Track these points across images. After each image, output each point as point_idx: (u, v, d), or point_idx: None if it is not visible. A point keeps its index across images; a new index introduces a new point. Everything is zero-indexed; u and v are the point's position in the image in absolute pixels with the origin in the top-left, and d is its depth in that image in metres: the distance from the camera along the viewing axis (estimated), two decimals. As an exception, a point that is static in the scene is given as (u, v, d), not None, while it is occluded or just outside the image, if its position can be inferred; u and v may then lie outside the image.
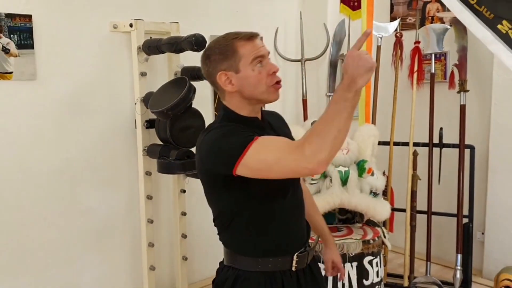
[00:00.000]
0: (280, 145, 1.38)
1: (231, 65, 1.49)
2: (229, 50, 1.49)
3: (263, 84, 1.49)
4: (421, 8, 3.88)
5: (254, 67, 1.48)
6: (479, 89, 3.52)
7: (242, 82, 1.49)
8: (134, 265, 3.18)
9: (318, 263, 1.77)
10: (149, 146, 3.04)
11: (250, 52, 1.48)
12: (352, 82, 1.26)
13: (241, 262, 1.58)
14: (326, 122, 1.29)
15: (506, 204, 3.42)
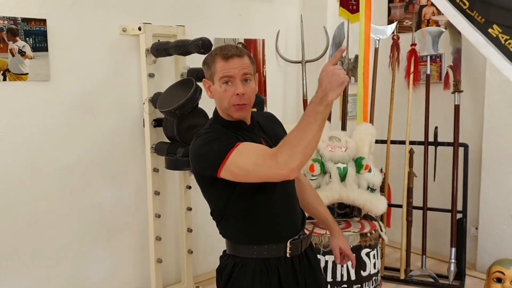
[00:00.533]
0: (258, 153, 1.53)
1: (210, 76, 1.66)
2: (211, 63, 1.65)
3: (226, 101, 1.63)
4: (417, 12, 4.02)
5: (222, 84, 1.62)
6: (472, 90, 3.65)
7: (214, 93, 1.67)
8: (142, 258, 3.32)
9: (316, 253, 1.90)
10: (156, 144, 3.18)
11: (220, 70, 1.61)
12: (324, 96, 1.40)
13: (238, 250, 1.71)
14: (298, 132, 1.44)
15: (498, 200, 3.55)
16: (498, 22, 2.80)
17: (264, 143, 1.70)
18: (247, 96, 1.63)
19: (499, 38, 2.80)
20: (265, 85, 3.96)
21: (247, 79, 1.64)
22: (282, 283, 1.70)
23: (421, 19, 4.01)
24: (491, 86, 3.50)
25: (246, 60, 1.65)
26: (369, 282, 2.88)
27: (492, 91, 3.51)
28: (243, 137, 1.64)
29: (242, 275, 1.68)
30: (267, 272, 1.68)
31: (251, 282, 1.67)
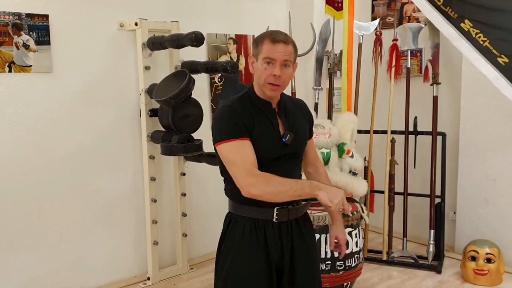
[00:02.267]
0: (244, 160, 1.78)
1: (256, 54, 1.85)
2: (259, 43, 1.84)
3: (263, 78, 1.82)
4: (399, 9, 4.24)
5: (264, 63, 1.81)
6: (450, 82, 3.88)
7: (255, 69, 1.86)
8: (139, 240, 3.52)
9: (312, 226, 2.07)
10: (152, 133, 3.38)
11: (266, 51, 1.80)
12: (320, 191, 1.72)
13: (234, 207, 1.95)
14: (283, 185, 1.77)
15: (474, 185, 3.77)
16: (470, 17, 3.03)
17: (280, 126, 1.91)
18: (282, 79, 1.82)
19: (470, 32, 3.03)
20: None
21: (287, 65, 1.82)
22: (268, 243, 1.91)
23: (403, 15, 4.23)
24: (466, 78, 3.72)
25: (290, 48, 1.83)
26: (351, 259, 3.09)
27: (467, 82, 3.73)
28: (262, 117, 1.87)
29: (235, 230, 1.92)
30: (255, 230, 1.89)
31: (241, 236, 1.89)
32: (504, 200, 3.62)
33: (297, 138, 1.94)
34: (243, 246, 1.90)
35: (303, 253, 1.99)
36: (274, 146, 1.88)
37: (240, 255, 1.91)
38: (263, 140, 1.86)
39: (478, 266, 3.35)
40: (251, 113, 1.86)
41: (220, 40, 3.86)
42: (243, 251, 1.90)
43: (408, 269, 3.66)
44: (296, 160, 1.99)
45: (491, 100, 3.57)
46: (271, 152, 1.88)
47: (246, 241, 1.89)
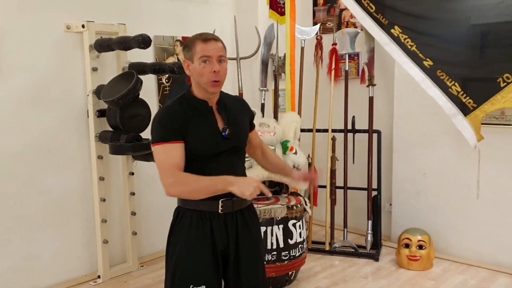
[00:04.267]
0: (168, 162, 1.92)
1: (190, 56, 1.96)
2: (191, 45, 1.95)
3: (205, 77, 1.93)
4: (338, 15, 4.50)
5: (201, 63, 1.92)
6: (384, 83, 4.16)
7: (193, 71, 1.96)
8: (89, 239, 3.57)
9: (257, 217, 2.22)
10: (100, 133, 3.44)
11: (201, 51, 1.92)
12: (232, 187, 1.83)
13: (182, 201, 2.05)
14: (196, 184, 1.90)
15: (407, 179, 4.07)
16: (399, 24, 3.31)
17: (219, 122, 2.03)
18: (221, 74, 1.94)
19: (399, 37, 3.31)
20: (202, 80, 4.28)
21: (221, 60, 1.95)
22: (214, 233, 2.04)
23: (341, 21, 4.50)
24: (398, 80, 4.02)
25: (221, 44, 1.97)
26: (295, 249, 3.28)
27: (399, 84, 4.02)
28: (199, 116, 1.99)
29: (183, 222, 2.03)
30: (202, 221, 2.01)
31: (188, 228, 2.00)
32: (433, 192, 3.94)
33: (238, 132, 2.06)
34: (190, 237, 1.99)
35: (248, 242, 2.12)
36: (213, 142, 2.00)
37: (188, 245, 2.01)
38: (201, 138, 1.98)
39: (411, 253, 3.64)
40: (187, 114, 1.97)
41: (167, 42, 3.96)
42: (191, 242, 2.00)
43: (349, 258, 3.90)
44: (238, 154, 2.11)
45: (421, 99, 3.87)
46: (210, 149, 1.99)
47: (193, 232, 2.00)
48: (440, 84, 3.09)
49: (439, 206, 3.92)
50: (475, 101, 3.00)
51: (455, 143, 3.76)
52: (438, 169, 3.90)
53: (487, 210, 3.67)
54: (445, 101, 3.09)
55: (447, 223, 3.88)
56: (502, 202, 3.61)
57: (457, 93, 3.04)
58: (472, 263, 3.72)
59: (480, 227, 3.73)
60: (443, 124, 3.78)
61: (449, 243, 3.89)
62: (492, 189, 3.59)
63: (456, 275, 3.57)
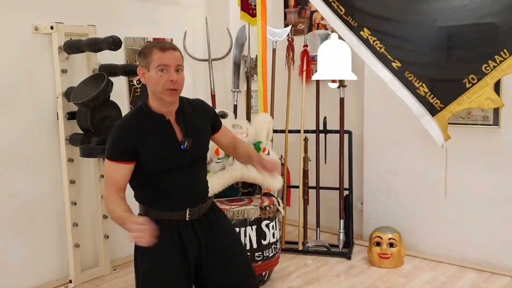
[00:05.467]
0: (111, 179, 1.99)
1: (146, 64, 1.95)
2: (147, 53, 1.94)
3: (160, 86, 1.91)
4: (308, 17, 4.55)
5: (158, 71, 1.91)
6: (355, 85, 4.22)
7: (148, 79, 1.96)
8: (60, 243, 3.51)
9: (221, 217, 2.23)
10: (71, 135, 3.39)
11: (157, 59, 1.91)
12: (126, 227, 1.87)
13: (146, 211, 2.07)
14: (112, 209, 1.97)
15: (378, 178, 4.15)
16: (368, 26, 3.36)
17: (178, 134, 2.02)
18: (179, 83, 1.94)
19: (368, 39, 3.36)
20: (175, 81, 4.26)
21: (179, 70, 1.95)
22: (184, 240, 2.05)
23: (312, 23, 4.55)
24: (368, 81, 4.09)
25: (178, 54, 1.97)
26: (269, 249, 3.30)
27: (369, 85, 4.10)
28: (156, 130, 1.99)
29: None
30: (170, 231, 2.03)
31: (157, 239, 1.91)
32: (403, 191, 4.03)
33: (197, 142, 2.05)
34: (158, 247, 1.92)
35: (219, 242, 2.14)
36: (171, 156, 2.00)
37: (157, 255, 2.00)
38: (158, 153, 1.99)
39: (382, 251, 3.70)
40: (142, 130, 1.98)
41: (138, 43, 3.94)
42: (159, 252, 1.98)
43: (322, 257, 3.95)
44: (199, 163, 2.12)
45: (390, 100, 3.95)
46: (169, 162, 2.00)
47: (161, 242, 1.94)
48: (408, 85, 3.16)
49: (409, 204, 4.01)
50: (442, 102, 3.08)
51: (423, 142, 3.85)
52: (407, 168, 3.99)
53: (454, 208, 3.77)
54: (413, 102, 3.16)
55: (417, 221, 3.97)
56: (468, 199, 3.71)
57: (425, 94, 3.11)
58: (442, 260, 3.82)
59: (448, 224, 3.83)
60: (411, 124, 3.86)
61: (419, 241, 3.98)
62: (459, 187, 3.69)
63: (426, 271, 3.66)
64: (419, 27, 3.15)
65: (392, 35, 3.29)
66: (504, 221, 3.57)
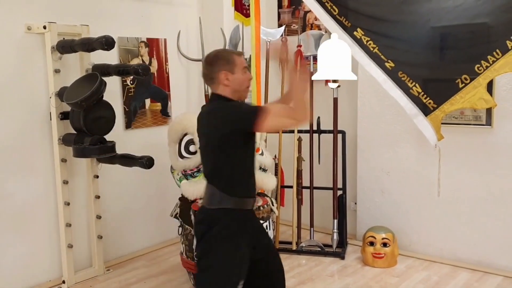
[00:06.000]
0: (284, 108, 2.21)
1: (230, 68, 2.18)
2: (230, 59, 2.20)
3: (245, 85, 2.22)
4: (302, 17, 4.56)
5: (244, 72, 2.22)
6: (348, 85, 4.23)
7: (233, 80, 2.18)
8: (53, 244, 3.50)
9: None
10: (64, 136, 3.38)
11: (241, 63, 2.21)
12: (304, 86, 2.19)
13: (229, 202, 2.16)
14: (303, 104, 2.14)
15: (371, 178, 4.16)
16: (361, 26, 3.37)
17: None
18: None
19: (362, 39, 3.36)
20: (168, 81, 4.27)
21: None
22: (248, 228, 2.25)
23: (306, 23, 4.56)
24: (362, 81, 4.10)
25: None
26: (262, 250, 3.30)
27: (363, 85, 4.11)
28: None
29: (230, 221, 2.17)
30: (244, 220, 2.23)
31: (237, 227, 2.18)
32: (396, 190, 4.04)
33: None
34: (236, 233, 2.17)
35: (262, 235, 2.41)
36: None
37: (233, 241, 2.16)
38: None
39: (376, 250, 3.71)
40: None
41: (132, 43, 3.93)
42: (236, 237, 2.17)
43: (315, 257, 3.96)
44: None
45: (383, 100, 3.97)
46: (254, 146, 2.33)
47: (237, 229, 2.18)
48: (402, 85, 3.16)
49: (402, 204, 4.02)
50: (435, 102, 3.09)
51: (416, 142, 3.87)
52: (401, 168, 4.00)
53: (447, 207, 3.79)
54: (407, 102, 3.16)
55: (410, 221, 3.99)
56: (461, 199, 3.73)
57: (418, 94, 3.12)
58: (435, 259, 3.83)
59: (441, 224, 3.85)
60: (405, 124, 3.88)
61: (412, 240, 3.99)
62: (452, 187, 3.70)
63: (420, 271, 3.67)
64: (412, 27, 3.16)
65: (385, 35, 3.29)
66: (497, 221, 3.59)
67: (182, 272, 3.62)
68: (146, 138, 4.07)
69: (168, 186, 4.09)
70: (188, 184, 3.30)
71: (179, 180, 3.44)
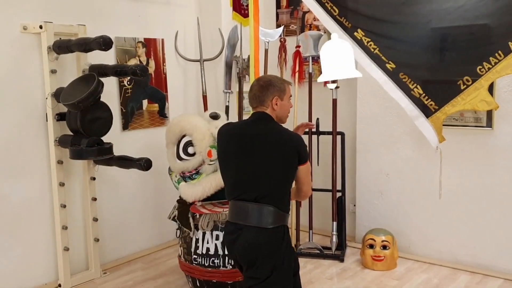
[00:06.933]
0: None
1: (281, 95, 2.37)
2: (283, 88, 2.40)
3: (288, 112, 2.45)
4: (301, 17, 4.52)
5: (288, 101, 2.43)
6: (347, 86, 4.21)
7: (281, 107, 2.38)
8: (49, 247, 3.45)
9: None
10: (60, 137, 3.33)
11: (289, 92, 2.44)
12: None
13: (285, 219, 2.32)
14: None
15: (370, 179, 4.13)
16: (362, 27, 3.33)
17: None
18: None
19: (362, 40, 3.33)
20: (166, 82, 4.22)
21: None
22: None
23: (304, 23, 4.52)
24: (361, 83, 4.07)
25: None
26: (261, 253, 3.27)
27: (362, 86, 4.08)
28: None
29: (288, 236, 2.33)
30: (288, 234, 2.36)
31: (288, 240, 2.33)
32: (395, 192, 4.01)
33: None
34: (290, 247, 2.35)
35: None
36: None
37: (292, 254, 2.37)
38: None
39: (375, 253, 3.69)
40: None
41: (129, 43, 3.88)
42: (291, 251, 2.37)
43: (315, 259, 3.92)
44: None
45: (383, 102, 3.94)
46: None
47: (289, 243, 2.35)
48: (403, 87, 3.13)
49: (401, 206, 4.00)
50: (437, 103, 3.06)
51: (416, 144, 3.84)
52: (400, 170, 3.98)
53: (447, 209, 3.76)
54: (408, 103, 3.13)
55: (409, 223, 3.96)
56: (461, 201, 3.71)
57: (419, 95, 3.09)
58: (434, 262, 3.81)
59: (441, 226, 3.82)
60: (404, 125, 3.85)
61: (412, 243, 3.97)
62: (451, 189, 3.68)
63: (419, 274, 3.65)
64: (413, 28, 3.13)
65: (386, 36, 3.27)
66: (497, 223, 3.57)
67: (180, 274, 3.58)
68: (143, 140, 4.03)
69: (165, 187, 4.06)
70: (186, 187, 3.27)
71: (177, 182, 3.40)
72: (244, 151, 2.31)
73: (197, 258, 3.20)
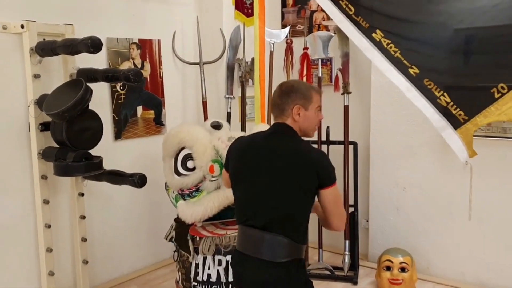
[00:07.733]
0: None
1: (304, 104, 2.05)
2: (308, 95, 2.06)
3: (315, 124, 2.11)
4: (308, 17, 4.20)
5: (317, 111, 2.09)
6: (360, 91, 3.89)
7: (305, 118, 2.05)
8: (33, 271, 3.11)
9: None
10: (44, 149, 2.99)
11: (316, 101, 2.09)
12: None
13: (302, 250, 2.02)
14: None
15: (385, 193, 3.82)
16: (381, 28, 3.01)
17: None
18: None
19: (381, 42, 3.01)
20: (163, 86, 3.90)
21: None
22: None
23: (312, 24, 4.20)
24: (375, 88, 3.76)
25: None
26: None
27: (376, 92, 3.76)
28: None
29: (303, 271, 2.06)
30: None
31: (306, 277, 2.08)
32: (413, 208, 3.69)
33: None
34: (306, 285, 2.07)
35: None
36: None
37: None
38: None
39: (393, 276, 3.36)
40: None
41: (122, 45, 3.55)
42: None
43: (325, 282, 3.60)
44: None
45: (399, 109, 3.63)
46: None
47: (306, 282, 2.07)
48: (428, 94, 2.82)
49: (419, 223, 3.68)
50: (466, 113, 2.74)
51: (436, 156, 3.52)
52: (418, 184, 3.66)
53: (470, 227, 3.44)
54: (433, 113, 2.81)
55: (428, 242, 3.64)
56: (486, 218, 3.39)
57: (447, 104, 2.77)
58: (456, 284, 3.50)
59: (463, 246, 3.51)
60: (424, 135, 3.54)
61: (431, 263, 3.65)
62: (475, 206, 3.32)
63: (440, 298, 3.34)
64: (440, 29, 2.81)
65: (407, 37, 2.95)
66: (527, 243, 3.26)
67: (177, 300, 3.25)
68: (137, 150, 3.70)
69: (161, 203, 3.74)
70: (185, 206, 2.93)
71: (174, 199, 3.07)
72: (255, 170, 2.00)
73: (197, 285, 2.87)
